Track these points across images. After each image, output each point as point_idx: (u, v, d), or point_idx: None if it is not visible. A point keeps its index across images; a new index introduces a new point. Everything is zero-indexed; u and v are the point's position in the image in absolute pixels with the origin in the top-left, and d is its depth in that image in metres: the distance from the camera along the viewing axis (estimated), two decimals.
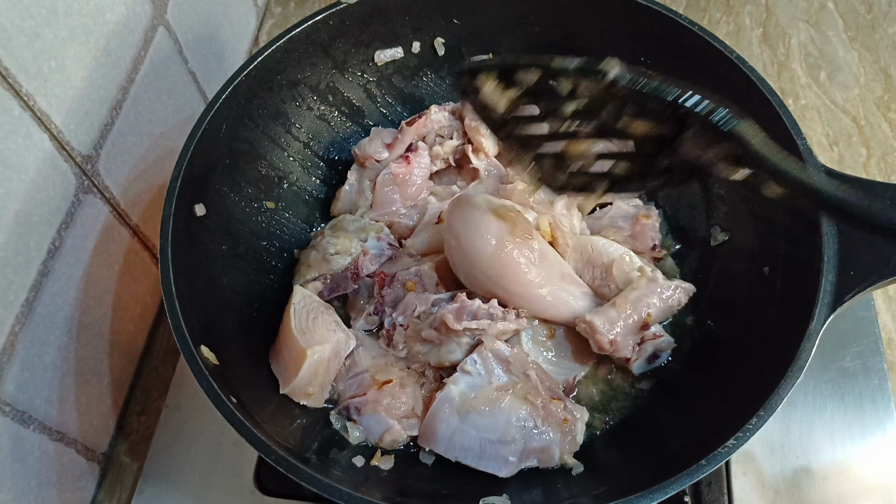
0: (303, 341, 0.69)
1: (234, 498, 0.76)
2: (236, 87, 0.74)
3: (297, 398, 0.70)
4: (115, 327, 0.79)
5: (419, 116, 0.86)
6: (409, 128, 0.85)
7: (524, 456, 0.67)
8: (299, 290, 0.75)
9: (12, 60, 0.57)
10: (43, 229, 0.64)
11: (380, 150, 0.85)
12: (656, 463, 0.64)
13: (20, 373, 0.63)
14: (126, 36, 0.74)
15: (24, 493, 0.65)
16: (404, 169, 0.83)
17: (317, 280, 0.78)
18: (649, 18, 0.80)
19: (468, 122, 0.86)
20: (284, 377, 0.70)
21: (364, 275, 0.79)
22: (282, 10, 1.17)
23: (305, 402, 0.70)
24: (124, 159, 0.76)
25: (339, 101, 0.89)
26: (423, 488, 0.69)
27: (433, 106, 0.87)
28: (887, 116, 1.03)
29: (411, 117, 0.86)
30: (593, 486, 0.67)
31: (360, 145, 0.87)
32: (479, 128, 0.84)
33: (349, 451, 0.69)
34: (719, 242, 0.80)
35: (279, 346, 0.72)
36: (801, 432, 0.78)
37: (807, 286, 0.63)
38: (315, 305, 0.74)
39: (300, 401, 0.70)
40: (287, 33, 0.78)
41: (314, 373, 0.69)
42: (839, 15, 1.14)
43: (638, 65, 0.86)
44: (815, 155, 0.68)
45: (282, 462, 0.56)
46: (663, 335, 0.74)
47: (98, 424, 0.78)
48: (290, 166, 0.86)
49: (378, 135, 0.87)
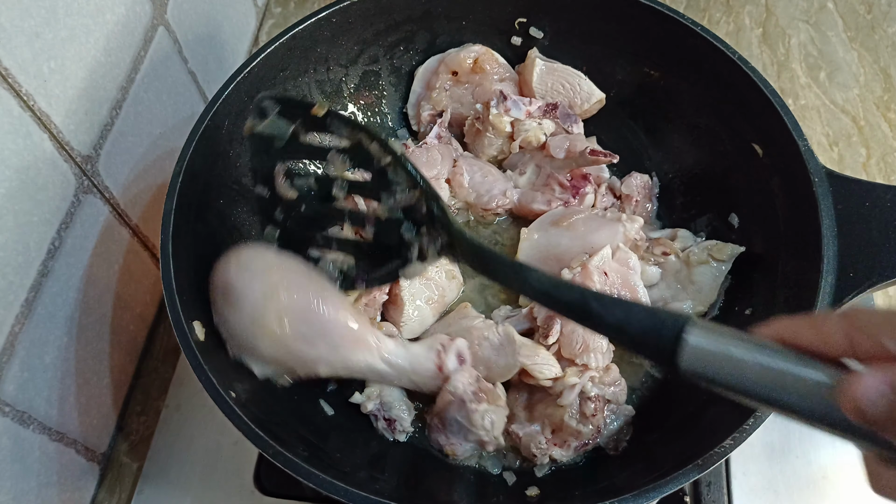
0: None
1: (234, 498, 0.76)
2: (239, 84, 0.74)
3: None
4: (115, 327, 0.79)
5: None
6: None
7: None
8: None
9: (12, 60, 0.57)
10: (43, 229, 0.64)
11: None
12: (652, 462, 0.64)
13: (20, 373, 0.63)
14: (126, 36, 0.74)
15: (24, 493, 0.65)
16: None
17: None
18: (650, 18, 0.80)
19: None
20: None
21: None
22: (282, 10, 1.17)
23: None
24: (124, 159, 0.76)
25: (341, 100, 0.90)
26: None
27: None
28: (887, 116, 1.03)
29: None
30: (588, 485, 0.67)
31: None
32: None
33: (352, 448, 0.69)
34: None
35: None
36: (801, 432, 0.78)
37: (806, 287, 0.63)
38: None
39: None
40: (289, 31, 0.78)
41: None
42: (839, 15, 1.14)
43: (639, 65, 0.87)
44: (815, 155, 0.68)
45: (279, 457, 0.56)
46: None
47: (98, 424, 0.78)
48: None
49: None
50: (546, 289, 0.49)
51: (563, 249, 0.76)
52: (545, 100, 0.86)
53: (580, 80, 0.87)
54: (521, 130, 0.84)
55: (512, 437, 0.71)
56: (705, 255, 0.76)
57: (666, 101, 0.85)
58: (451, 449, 0.69)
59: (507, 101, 0.84)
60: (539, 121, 0.84)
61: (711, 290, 0.76)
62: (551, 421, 0.69)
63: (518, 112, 0.84)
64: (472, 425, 0.66)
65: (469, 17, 0.89)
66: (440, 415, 0.69)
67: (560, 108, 0.85)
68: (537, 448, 0.68)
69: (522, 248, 0.80)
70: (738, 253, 0.75)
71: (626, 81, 0.88)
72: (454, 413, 0.67)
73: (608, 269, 0.73)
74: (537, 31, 0.89)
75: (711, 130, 0.81)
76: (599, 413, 0.68)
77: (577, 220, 0.78)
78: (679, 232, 0.80)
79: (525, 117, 0.84)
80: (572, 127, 0.85)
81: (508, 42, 0.91)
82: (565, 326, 0.70)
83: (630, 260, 0.75)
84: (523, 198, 0.84)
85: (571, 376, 0.68)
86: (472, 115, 0.88)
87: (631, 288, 0.73)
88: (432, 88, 0.90)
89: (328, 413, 0.73)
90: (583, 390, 0.68)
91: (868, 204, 0.64)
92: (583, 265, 0.72)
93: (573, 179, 0.83)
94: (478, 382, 0.67)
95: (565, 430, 0.68)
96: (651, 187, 0.86)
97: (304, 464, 0.56)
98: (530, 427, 0.70)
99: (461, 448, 0.69)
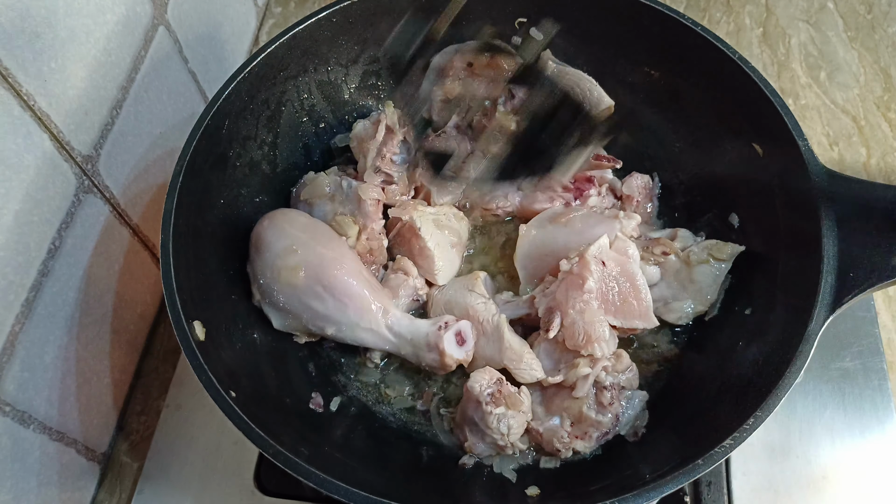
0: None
1: (234, 498, 0.76)
2: (239, 84, 0.74)
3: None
4: (116, 327, 0.79)
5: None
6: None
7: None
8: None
9: (12, 60, 0.57)
10: (43, 229, 0.64)
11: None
12: (652, 461, 0.64)
13: (20, 373, 0.63)
14: (126, 36, 0.74)
15: (24, 493, 0.65)
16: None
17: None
18: (651, 18, 0.80)
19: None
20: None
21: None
22: (282, 9, 1.17)
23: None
24: (124, 159, 0.76)
25: (341, 99, 0.90)
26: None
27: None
28: (887, 116, 1.03)
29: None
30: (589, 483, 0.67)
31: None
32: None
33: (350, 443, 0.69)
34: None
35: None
36: (801, 432, 0.78)
37: (806, 287, 0.63)
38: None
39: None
40: (290, 30, 0.78)
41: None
42: (839, 15, 1.14)
43: (639, 65, 0.87)
44: (815, 155, 0.68)
45: (279, 457, 0.56)
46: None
47: (98, 424, 0.78)
48: (292, 163, 0.86)
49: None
50: None
51: (560, 245, 0.77)
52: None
53: (591, 85, 0.87)
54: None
55: (532, 435, 0.70)
56: (705, 255, 0.76)
57: (666, 101, 0.85)
58: (469, 446, 0.70)
59: (515, 100, 0.84)
60: None
61: (711, 289, 0.76)
62: (570, 413, 0.69)
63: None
64: (488, 427, 0.66)
65: (469, 17, 0.89)
66: (461, 410, 0.70)
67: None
68: (560, 442, 0.68)
69: (521, 244, 0.80)
70: (738, 252, 0.75)
71: (626, 81, 0.88)
72: (471, 412, 0.67)
73: (606, 258, 0.73)
74: (537, 32, 0.89)
75: (711, 130, 0.81)
76: (616, 401, 0.68)
77: (574, 217, 0.78)
78: (679, 231, 0.80)
79: None
80: None
81: (509, 42, 0.91)
82: (566, 318, 0.71)
83: (629, 249, 0.75)
84: (525, 201, 0.85)
85: (584, 367, 0.68)
86: (479, 111, 0.88)
87: (630, 277, 0.73)
88: (446, 75, 0.90)
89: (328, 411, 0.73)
90: (597, 380, 0.68)
91: (868, 204, 0.64)
92: (580, 255, 0.72)
93: (576, 182, 0.83)
94: (498, 385, 0.67)
95: (585, 421, 0.68)
96: (652, 188, 0.86)
97: (305, 464, 0.56)
98: (550, 422, 0.70)
99: (478, 447, 0.69)
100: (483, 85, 0.90)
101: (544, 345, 0.73)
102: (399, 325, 0.72)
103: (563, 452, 0.69)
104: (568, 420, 0.69)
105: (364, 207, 0.79)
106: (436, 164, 0.82)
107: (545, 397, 0.72)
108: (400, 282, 0.78)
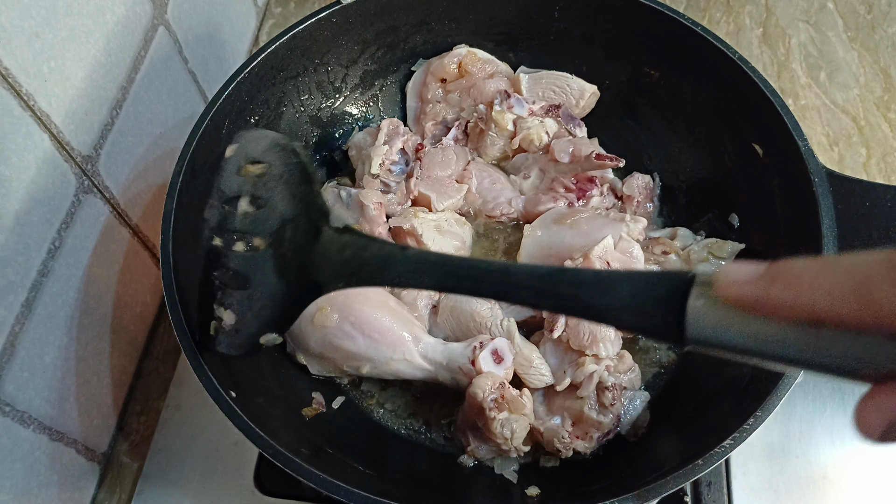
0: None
1: (234, 498, 0.76)
2: (239, 84, 0.74)
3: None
4: (116, 327, 0.79)
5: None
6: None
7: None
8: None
9: (12, 60, 0.57)
10: (43, 229, 0.64)
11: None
12: (652, 461, 0.64)
13: (20, 373, 0.63)
14: (126, 36, 0.74)
15: (24, 493, 0.65)
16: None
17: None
18: (650, 18, 0.80)
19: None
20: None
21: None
22: (282, 10, 1.17)
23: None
24: (124, 159, 0.76)
25: (341, 98, 0.90)
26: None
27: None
28: (887, 116, 1.03)
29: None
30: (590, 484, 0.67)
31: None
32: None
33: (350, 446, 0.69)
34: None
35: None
36: (801, 432, 0.78)
37: None
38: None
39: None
40: (289, 31, 0.78)
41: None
42: (839, 15, 1.14)
43: (639, 65, 0.87)
44: (815, 155, 0.68)
45: (279, 457, 0.56)
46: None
47: (98, 424, 0.78)
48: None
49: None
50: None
51: (566, 247, 0.76)
52: (548, 101, 0.87)
53: (568, 80, 0.87)
54: (522, 128, 0.84)
55: (533, 434, 0.70)
56: (705, 254, 0.76)
57: (666, 101, 0.85)
58: (471, 451, 0.70)
59: (511, 99, 0.84)
60: (541, 119, 0.84)
61: None
62: (571, 413, 0.69)
63: (521, 109, 0.84)
64: (491, 432, 0.66)
65: (469, 17, 0.89)
66: (463, 416, 0.69)
67: (563, 109, 0.85)
68: (560, 442, 0.68)
69: (525, 245, 0.80)
70: (738, 250, 0.75)
71: (626, 82, 0.88)
72: (474, 417, 0.67)
73: (610, 258, 0.73)
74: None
75: (712, 130, 0.81)
76: (618, 401, 0.68)
77: (580, 219, 0.78)
78: (679, 231, 0.80)
79: (528, 115, 0.84)
80: (575, 129, 0.85)
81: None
82: (570, 318, 0.70)
83: (633, 250, 0.75)
84: (528, 204, 0.85)
85: (590, 364, 0.68)
86: (474, 117, 0.88)
87: None
88: (426, 101, 0.90)
89: (330, 410, 0.73)
90: (599, 380, 0.68)
91: (868, 204, 0.64)
92: (585, 255, 0.72)
93: (578, 182, 0.83)
94: (501, 389, 0.67)
95: (586, 421, 0.68)
96: (652, 188, 0.86)
97: (305, 464, 0.56)
98: (551, 421, 0.70)
99: (480, 451, 0.69)
100: (463, 96, 0.90)
101: (548, 345, 0.73)
102: (433, 351, 0.70)
103: (564, 452, 0.69)
104: (569, 420, 0.69)
105: (368, 212, 0.78)
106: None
107: (546, 397, 0.72)
108: (415, 294, 0.76)
